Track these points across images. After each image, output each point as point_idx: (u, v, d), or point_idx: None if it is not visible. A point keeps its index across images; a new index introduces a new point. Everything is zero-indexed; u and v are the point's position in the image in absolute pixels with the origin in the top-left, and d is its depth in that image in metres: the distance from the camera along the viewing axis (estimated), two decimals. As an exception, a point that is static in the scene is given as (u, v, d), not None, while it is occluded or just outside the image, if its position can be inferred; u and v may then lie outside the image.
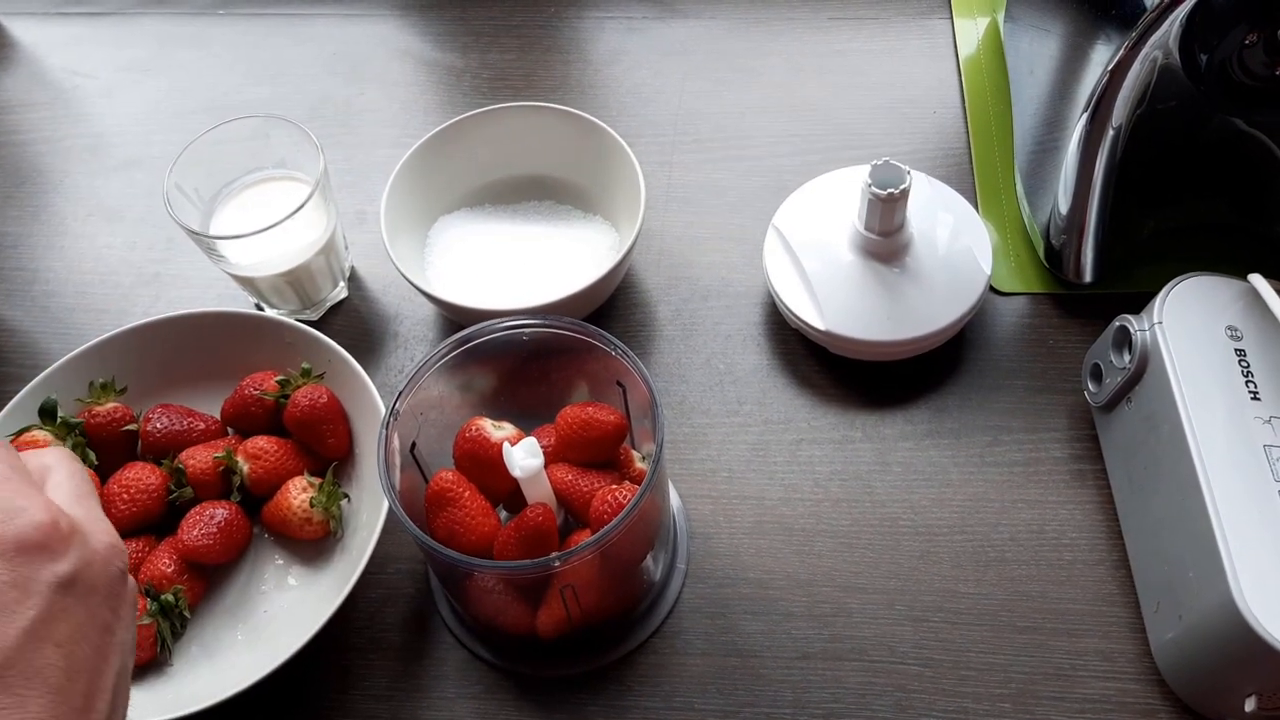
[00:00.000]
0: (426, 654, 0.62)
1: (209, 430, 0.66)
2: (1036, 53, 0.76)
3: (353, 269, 0.78)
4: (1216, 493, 0.53)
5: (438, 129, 0.75)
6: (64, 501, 0.42)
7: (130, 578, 0.43)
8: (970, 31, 0.88)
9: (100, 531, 0.42)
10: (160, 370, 0.68)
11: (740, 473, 0.67)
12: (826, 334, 0.67)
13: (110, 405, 0.65)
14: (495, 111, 0.76)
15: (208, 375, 0.68)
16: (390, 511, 0.59)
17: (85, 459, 0.63)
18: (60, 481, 0.43)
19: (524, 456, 0.54)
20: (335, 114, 0.88)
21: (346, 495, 0.65)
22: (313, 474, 0.64)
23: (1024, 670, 0.59)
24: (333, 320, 0.76)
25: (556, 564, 0.52)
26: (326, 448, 0.65)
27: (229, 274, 0.72)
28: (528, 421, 0.61)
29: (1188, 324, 0.59)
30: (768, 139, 0.83)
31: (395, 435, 0.56)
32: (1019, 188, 0.76)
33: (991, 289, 0.73)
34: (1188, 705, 0.57)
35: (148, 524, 0.63)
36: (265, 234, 0.67)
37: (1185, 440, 0.55)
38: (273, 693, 0.60)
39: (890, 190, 0.65)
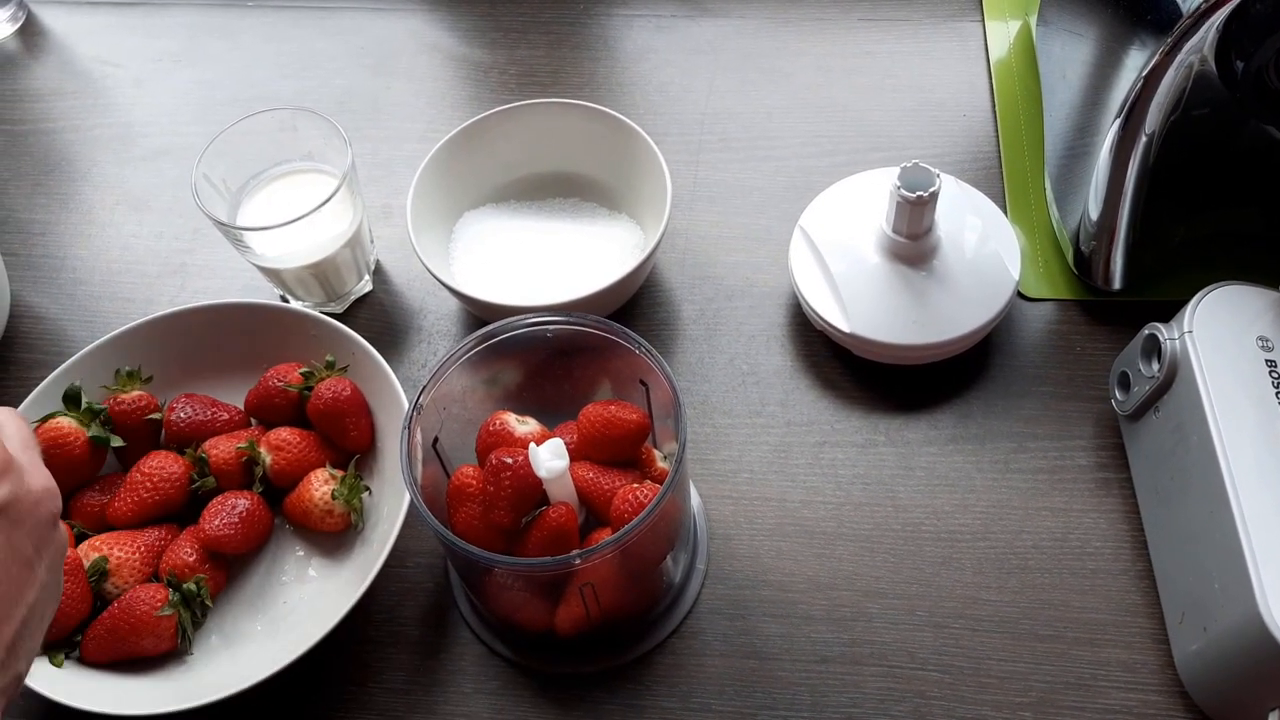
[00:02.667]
0: (444, 649, 0.62)
1: (232, 421, 0.66)
2: (1069, 57, 0.76)
3: (378, 263, 0.78)
4: (1245, 505, 0.53)
5: (465, 124, 0.75)
6: (9, 445, 0.44)
7: (62, 527, 0.46)
8: (1002, 34, 0.87)
9: (38, 474, 0.44)
10: (185, 360, 0.69)
11: (762, 474, 0.67)
12: (851, 336, 0.67)
13: (135, 393, 0.66)
14: (522, 108, 0.75)
15: (232, 366, 0.69)
16: (411, 505, 0.59)
17: (110, 443, 0.64)
18: (10, 433, 0.46)
19: (550, 457, 0.54)
20: (363, 107, 0.88)
21: (368, 488, 0.65)
22: (335, 466, 0.64)
23: (1045, 679, 0.59)
24: (357, 313, 0.76)
25: (576, 562, 0.52)
26: (349, 440, 0.65)
27: (255, 265, 0.72)
28: (550, 418, 0.61)
29: (1218, 333, 0.58)
30: (795, 139, 0.83)
31: (418, 429, 0.56)
32: (1049, 193, 0.75)
33: (1019, 294, 0.72)
34: (1211, 718, 0.57)
35: (170, 513, 0.63)
36: (292, 226, 0.67)
37: (1214, 451, 0.55)
38: (291, 684, 0.60)
39: (919, 193, 0.64)
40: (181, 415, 0.65)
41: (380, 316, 0.76)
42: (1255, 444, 0.55)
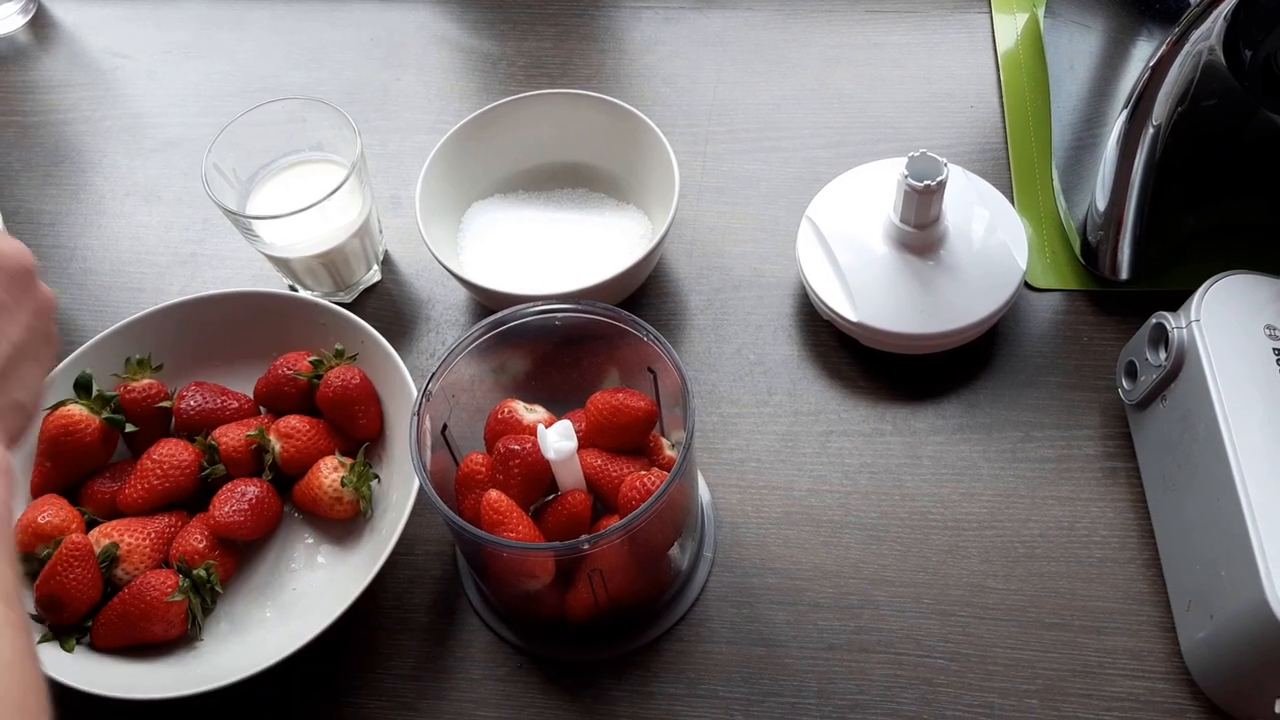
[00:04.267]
0: (453, 635, 0.62)
1: (242, 409, 0.67)
2: (1077, 48, 0.76)
3: (386, 252, 0.79)
4: (1252, 493, 0.53)
5: (473, 115, 0.75)
6: None
7: (43, 288, 0.50)
8: (1009, 26, 0.87)
9: (12, 242, 0.49)
10: (195, 349, 0.69)
11: (769, 463, 0.67)
12: (859, 326, 0.67)
13: (145, 381, 0.66)
14: (530, 99, 0.76)
15: (242, 355, 0.69)
16: (420, 493, 0.60)
17: (123, 429, 0.65)
18: None
19: (558, 439, 0.54)
20: (372, 98, 0.88)
21: (377, 476, 0.65)
22: (344, 454, 0.65)
23: (1051, 667, 0.59)
24: (366, 303, 0.76)
25: (585, 547, 0.52)
26: (358, 428, 0.65)
27: (264, 255, 0.72)
28: (559, 406, 0.61)
29: (1226, 322, 0.58)
30: (803, 130, 0.83)
31: (427, 416, 0.56)
32: (1056, 183, 0.75)
33: (1026, 284, 0.72)
34: (1217, 706, 0.57)
35: (180, 500, 0.64)
36: (301, 215, 0.67)
37: (1221, 439, 0.55)
38: (300, 670, 0.60)
39: (927, 182, 0.64)
40: (191, 403, 0.65)
41: (389, 306, 0.76)
42: (1262, 432, 0.55)
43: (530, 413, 0.60)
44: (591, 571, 0.55)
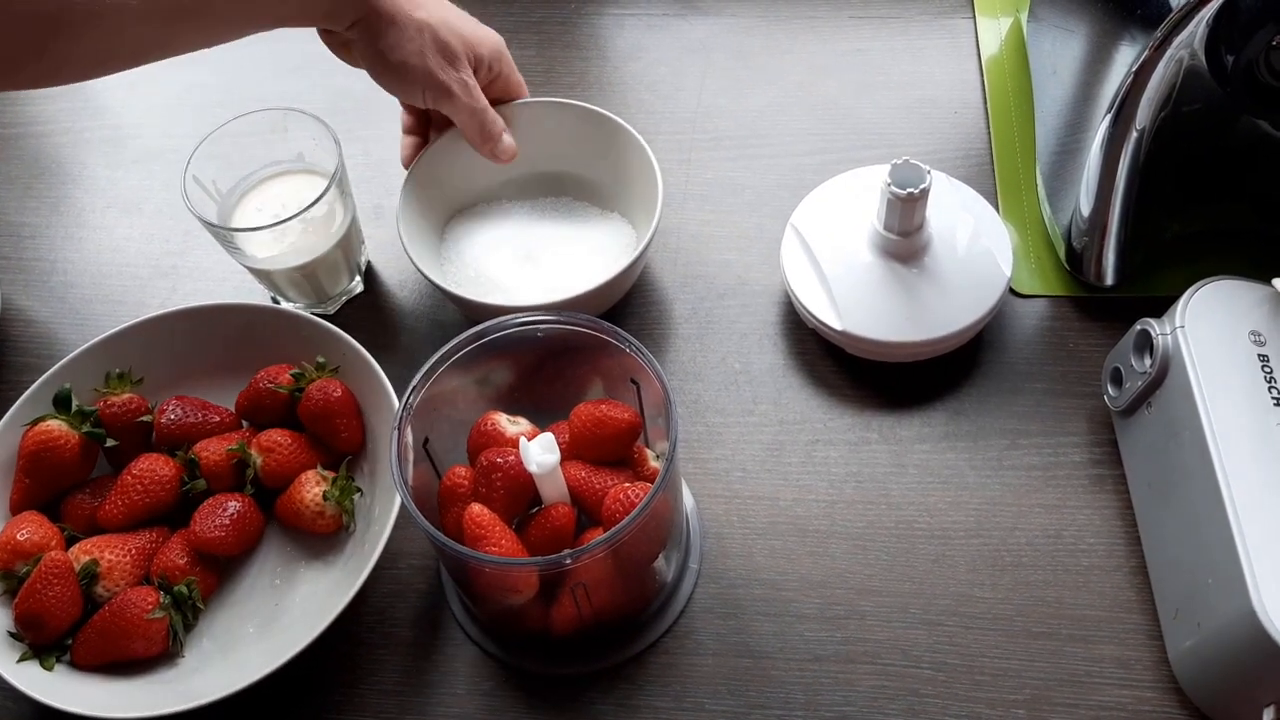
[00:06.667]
0: (437, 650, 0.62)
1: (223, 422, 0.66)
2: (1060, 53, 0.75)
3: (369, 264, 0.78)
4: (1237, 499, 0.53)
5: (456, 124, 0.74)
6: None
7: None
8: (993, 31, 0.87)
9: (485, 29, 0.65)
10: (176, 362, 0.69)
11: (754, 473, 0.67)
12: (843, 334, 0.67)
13: (125, 395, 0.65)
14: (513, 107, 0.75)
15: (223, 368, 0.69)
16: (403, 506, 0.59)
17: (103, 444, 0.64)
18: None
19: (540, 452, 0.54)
20: (354, 108, 0.87)
21: (359, 489, 0.65)
22: (326, 468, 0.64)
23: (1038, 676, 0.59)
24: (348, 315, 0.76)
25: (568, 561, 0.51)
26: (340, 441, 0.65)
27: (245, 267, 0.72)
28: (542, 418, 0.61)
29: (1211, 328, 0.58)
30: (787, 137, 0.83)
31: (409, 430, 0.56)
32: (1040, 189, 0.75)
33: (1011, 291, 0.72)
34: (1205, 714, 0.57)
35: (161, 515, 0.63)
36: (281, 227, 0.67)
37: (1206, 446, 0.54)
38: (283, 686, 0.60)
39: (910, 190, 0.64)
40: (172, 417, 0.65)
41: (371, 317, 0.76)
42: (1248, 439, 0.55)
43: (513, 425, 0.59)
44: (575, 585, 0.55)
